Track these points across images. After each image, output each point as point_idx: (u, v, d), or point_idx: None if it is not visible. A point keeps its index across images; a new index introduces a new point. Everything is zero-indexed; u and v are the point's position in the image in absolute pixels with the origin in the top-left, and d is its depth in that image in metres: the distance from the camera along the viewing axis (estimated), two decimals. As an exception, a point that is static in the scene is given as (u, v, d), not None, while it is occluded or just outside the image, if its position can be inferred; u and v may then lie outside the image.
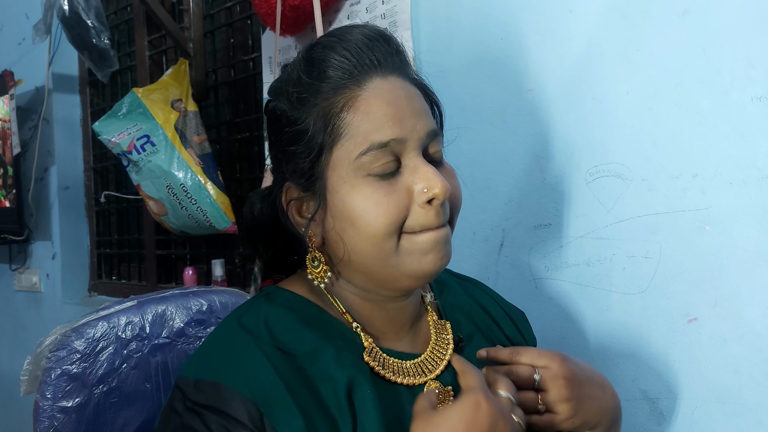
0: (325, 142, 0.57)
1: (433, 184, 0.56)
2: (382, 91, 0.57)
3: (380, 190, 0.56)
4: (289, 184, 0.61)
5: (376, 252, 0.57)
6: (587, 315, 0.98)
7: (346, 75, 0.57)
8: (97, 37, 1.74)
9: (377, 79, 0.58)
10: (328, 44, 0.59)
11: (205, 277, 1.87)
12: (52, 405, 0.72)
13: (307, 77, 0.58)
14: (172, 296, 0.88)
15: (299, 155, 0.59)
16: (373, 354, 0.61)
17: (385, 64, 0.59)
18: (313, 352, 0.58)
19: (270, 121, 0.64)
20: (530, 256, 1.04)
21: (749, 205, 0.82)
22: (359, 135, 0.56)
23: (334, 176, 0.58)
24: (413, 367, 0.63)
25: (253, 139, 1.73)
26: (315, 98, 0.58)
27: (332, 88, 0.57)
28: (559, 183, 0.99)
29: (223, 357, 0.57)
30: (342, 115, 0.56)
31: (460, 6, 1.12)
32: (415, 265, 0.58)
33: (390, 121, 0.56)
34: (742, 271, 0.83)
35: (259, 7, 1.33)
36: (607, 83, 0.94)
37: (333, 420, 0.55)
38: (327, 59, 0.58)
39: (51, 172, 2.32)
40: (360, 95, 0.57)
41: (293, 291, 0.65)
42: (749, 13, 0.82)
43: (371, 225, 0.56)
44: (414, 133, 0.57)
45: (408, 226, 0.57)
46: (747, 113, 0.82)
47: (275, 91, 0.63)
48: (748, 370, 0.82)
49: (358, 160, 0.56)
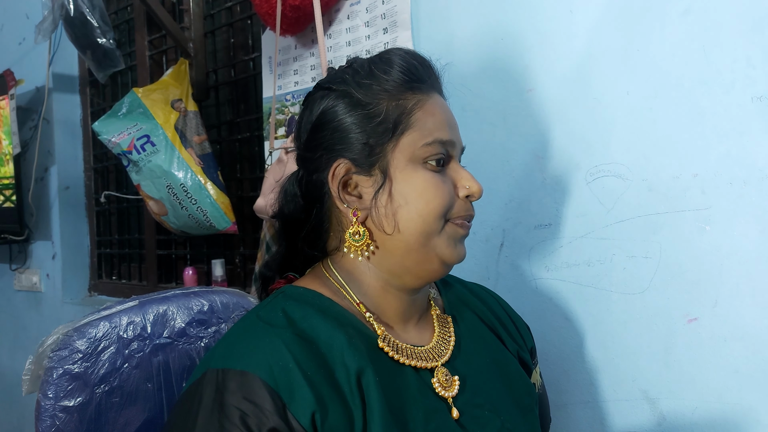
0: (397, 128, 0.65)
1: (473, 185, 0.68)
2: (438, 104, 0.69)
3: (436, 178, 0.66)
4: (342, 161, 0.67)
5: (425, 228, 0.65)
6: (587, 315, 0.98)
7: (415, 80, 0.68)
8: (102, 37, 1.74)
9: (435, 94, 0.70)
10: (399, 53, 0.69)
11: (205, 277, 1.88)
12: (53, 404, 0.73)
13: (383, 73, 0.67)
14: (173, 296, 0.88)
15: (367, 133, 0.66)
16: (387, 340, 0.66)
17: (435, 85, 0.71)
18: (329, 339, 0.61)
19: (327, 108, 0.69)
20: (530, 256, 1.04)
21: (749, 205, 0.82)
22: (425, 129, 0.66)
23: (397, 159, 0.66)
24: (424, 352, 0.68)
25: (254, 139, 1.74)
26: (389, 91, 0.67)
27: (406, 87, 0.67)
28: (559, 183, 1.00)
29: (244, 346, 0.59)
30: (413, 113, 0.66)
31: (460, 6, 1.12)
32: (449, 251, 0.67)
33: (447, 126, 0.68)
34: (742, 271, 0.83)
35: (259, 7, 1.33)
36: (607, 83, 0.94)
37: (347, 406, 0.58)
38: (402, 63, 0.68)
39: (51, 172, 2.32)
40: (428, 101, 0.68)
41: (307, 287, 0.68)
42: (749, 13, 0.82)
43: (429, 203, 0.65)
44: (459, 142, 0.70)
45: (452, 213, 0.67)
46: (747, 113, 0.82)
47: (338, 79, 0.69)
48: (748, 370, 0.83)
49: (422, 149, 0.65)
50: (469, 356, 0.71)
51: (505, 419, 0.67)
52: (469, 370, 0.70)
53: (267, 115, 1.52)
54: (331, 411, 0.56)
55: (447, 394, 0.65)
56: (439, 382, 0.65)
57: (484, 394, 0.68)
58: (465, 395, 0.67)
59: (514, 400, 0.71)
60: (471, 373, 0.69)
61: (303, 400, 0.55)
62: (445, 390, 0.65)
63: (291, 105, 1.46)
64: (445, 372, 0.67)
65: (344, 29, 1.32)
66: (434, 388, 0.64)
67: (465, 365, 0.70)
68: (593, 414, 0.97)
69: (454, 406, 0.65)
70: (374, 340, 0.65)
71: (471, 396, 0.67)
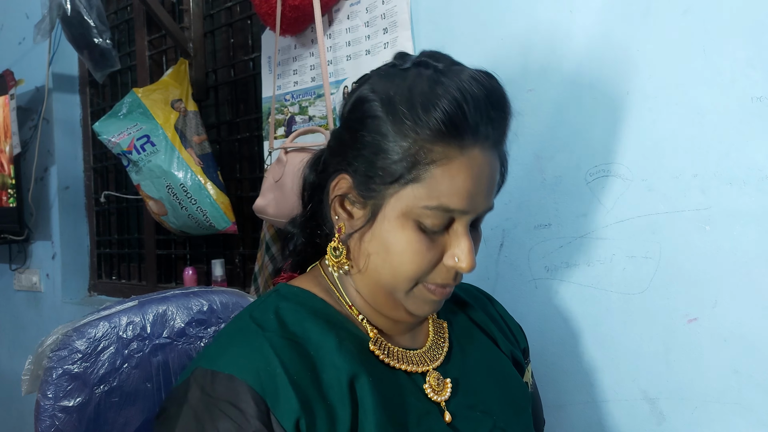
0: (403, 176, 0.58)
1: (465, 259, 0.60)
2: (473, 164, 0.58)
3: (423, 242, 0.59)
4: (347, 177, 0.63)
5: (392, 284, 0.62)
6: (587, 315, 0.98)
7: (454, 131, 0.57)
8: (98, 37, 1.74)
9: (476, 150, 0.58)
10: (457, 86, 0.57)
11: (205, 277, 1.88)
12: (53, 404, 0.73)
13: (422, 110, 0.57)
14: (172, 296, 0.88)
15: (374, 166, 0.60)
16: (378, 343, 0.65)
17: (489, 136, 0.59)
18: (319, 341, 0.61)
19: (361, 110, 0.62)
20: (530, 257, 1.04)
21: (749, 205, 0.82)
22: (434, 191, 0.58)
23: (392, 206, 0.60)
24: (416, 356, 0.67)
25: (253, 139, 1.73)
26: (416, 131, 0.57)
27: (436, 134, 0.57)
28: (559, 183, 1.00)
29: (235, 349, 0.59)
30: (430, 167, 0.57)
31: (460, 6, 1.12)
32: (414, 308, 0.64)
33: (465, 195, 0.58)
34: (742, 271, 0.83)
35: (259, 7, 1.33)
36: (607, 83, 0.94)
37: (331, 407, 0.57)
38: (449, 106, 0.56)
39: (51, 172, 2.32)
40: (455, 159, 0.57)
41: (302, 287, 0.68)
42: (749, 13, 0.82)
43: (402, 266, 0.60)
44: (477, 208, 0.60)
45: (427, 278, 0.62)
46: (747, 113, 0.82)
47: (384, 90, 0.60)
48: (748, 370, 0.82)
49: (420, 210, 0.58)
50: (462, 358, 0.71)
51: (498, 419, 0.67)
52: (461, 372, 0.69)
53: (266, 115, 1.52)
54: (318, 416, 0.56)
55: (439, 398, 0.65)
56: (431, 387, 0.65)
57: (476, 394, 0.68)
58: (457, 397, 0.66)
59: (508, 401, 0.71)
60: (463, 375, 0.69)
61: (288, 405, 0.55)
62: (436, 394, 0.65)
63: (290, 105, 1.46)
64: (437, 376, 0.66)
65: (344, 29, 1.32)
66: (426, 393, 0.64)
67: (457, 368, 0.70)
68: (593, 414, 0.97)
69: (447, 409, 0.64)
70: (366, 342, 0.64)
71: (463, 398, 0.67)
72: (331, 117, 1.25)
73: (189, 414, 0.56)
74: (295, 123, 1.44)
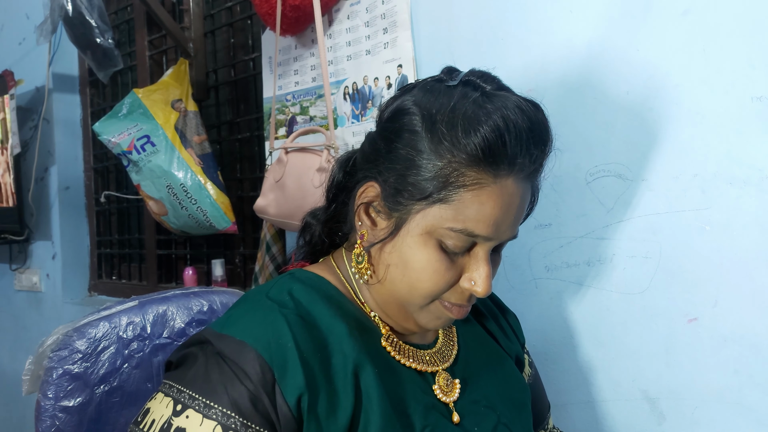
0: (432, 195, 0.58)
1: (482, 285, 0.61)
2: (504, 193, 0.58)
3: (443, 262, 0.60)
4: (375, 185, 0.62)
5: (407, 298, 0.63)
6: (587, 315, 0.98)
7: (491, 158, 0.56)
8: (101, 37, 1.74)
9: (509, 180, 0.58)
10: (500, 114, 0.56)
11: (205, 277, 1.88)
12: (53, 404, 0.73)
13: (463, 133, 0.56)
14: (173, 296, 0.88)
15: (405, 180, 0.59)
16: (390, 339, 0.66)
17: (525, 168, 0.58)
18: (330, 325, 0.61)
19: (400, 122, 0.61)
20: (530, 256, 1.04)
21: (749, 205, 0.82)
22: (461, 215, 0.57)
23: (416, 222, 0.60)
24: (428, 356, 0.68)
25: (254, 139, 1.74)
26: (452, 153, 0.57)
27: (473, 159, 0.56)
28: (559, 183, 1.00)
29: (249, 320, 0.59)
30: (461, 190, 0.57)
31: (460, 6, 1.12)
32: (425, 321, 0.65)
33: (491, 223, 0.58)
34: (742, 271, 0.83)
35: (259, 7, 1.33)
36: (607, 83, 0.94)
37: (334, 391, 0.58)
38: (489, 134, 0.56)
39: (51, 172, 2.32)
40: (487, 186, 0.57)
41: (316, 273, 0.68)
42: (749, 13, 0.82)
43: (419, 283, 0.61)
44: (501, 237, 0.60)
45: (443, 296, 0.62)
46: (747, 113, 0.82)
47: (426, 106, 0.59)
48: (748, 370, 0.83)
49: (444, 231, 0.58)
50: (468, 358, 0.72)
51: (501, 414, 0.69)
52: (468, 372, 0.70)
53: (267, 115, 1.52)
54: (321, 397, 0.56)
55: (448, 399, 0.65)
56: (440, 388, 0.65)
57: (480, 391, 0.69)
58: (464, 395, 0.68)
59: (510, 397, 0.72)
60: (470, 375, 0.70)
61: (294, 380, 0.55)
62: (445, 395, 0.65)
63: (291, 105, 1.46)
64: (446, 377, 0.67)
65: (344, 29, 1.32)
66: (435, 394, 0.65)
67: (464, 368, 0.71)
68: (593, 414, 0.97)
69: (455, 409, 0.65)
70: (375, 335, 0.65)
71: (469, 394, 0.68)
72: (332, 117, 1.25)
73: (200, 366, 0.57)
74: (296, 123, 1.45)
